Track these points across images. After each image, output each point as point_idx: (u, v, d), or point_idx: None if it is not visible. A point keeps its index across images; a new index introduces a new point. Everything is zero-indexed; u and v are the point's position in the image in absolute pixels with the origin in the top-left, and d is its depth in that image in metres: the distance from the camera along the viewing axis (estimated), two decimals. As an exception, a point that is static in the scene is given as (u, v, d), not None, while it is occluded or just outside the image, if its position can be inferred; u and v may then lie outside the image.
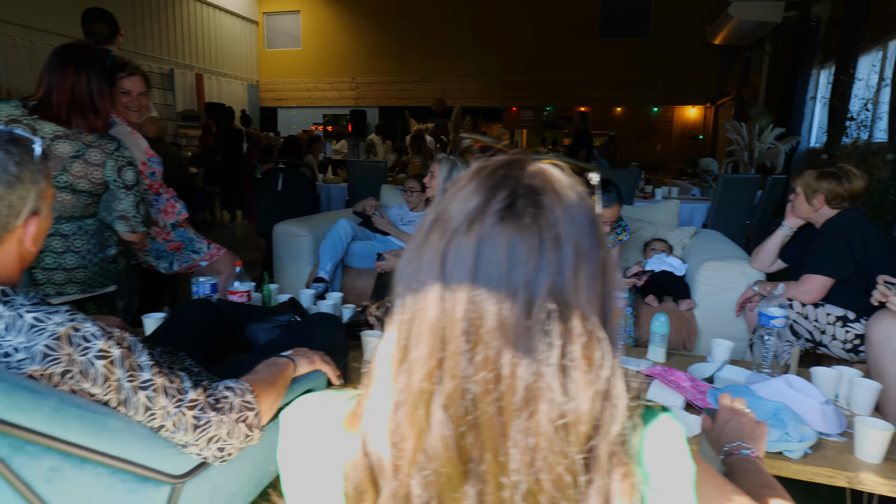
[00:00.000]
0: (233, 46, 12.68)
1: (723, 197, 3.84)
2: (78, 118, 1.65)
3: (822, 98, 6.59)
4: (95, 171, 1.68)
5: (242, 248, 5.61)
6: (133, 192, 1.78)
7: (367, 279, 2.98)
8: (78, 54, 1.66)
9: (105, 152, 1.69)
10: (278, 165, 3.61)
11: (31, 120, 1.63)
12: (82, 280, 1.73)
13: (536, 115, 13.41)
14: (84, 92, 1.63)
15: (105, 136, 1.72)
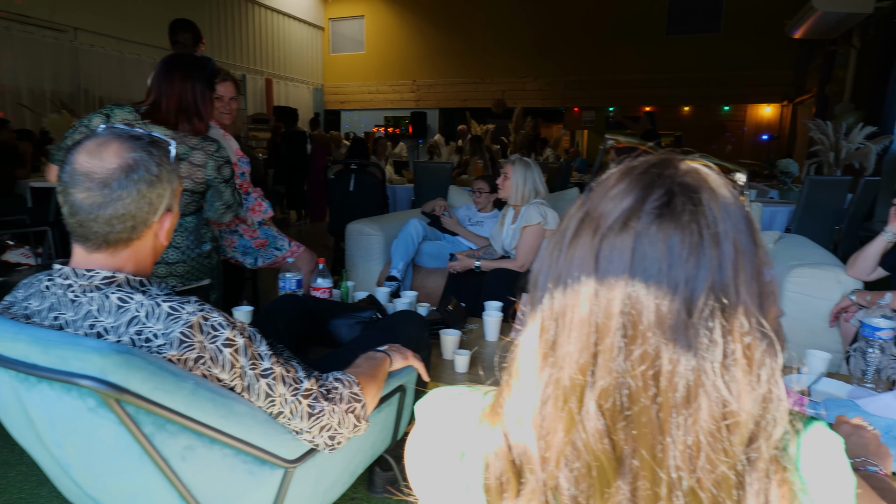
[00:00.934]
0: (300, 52, 13.14)
1: (808, 200, 3.63)
2: (184, 122, 1.76)
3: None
4: (198, 171, 1.79)
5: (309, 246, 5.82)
6: (230, 184, 1.92)
7: (438, 278, 3.01)
8: (184, 63, 1.79)
9: (207, 153, 1.81)
10: (350, 167, 3.72)
11: (143, 124, 1.75)
12: (181, 273, 1.85)
13: (598, 116, 13.13)
14: (190, 98, 1.75)
15: (206, 138, 1.83)
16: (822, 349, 2.33)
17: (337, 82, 14.03)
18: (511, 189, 2.65)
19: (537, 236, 2.59)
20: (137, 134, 0.92)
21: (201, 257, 1.90)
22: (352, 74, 13.88)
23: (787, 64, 10.95)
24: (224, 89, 2.41)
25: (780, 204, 4.24)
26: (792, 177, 6.52)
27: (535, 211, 2.57)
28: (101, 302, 0.86)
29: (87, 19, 8.33)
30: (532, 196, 2.66)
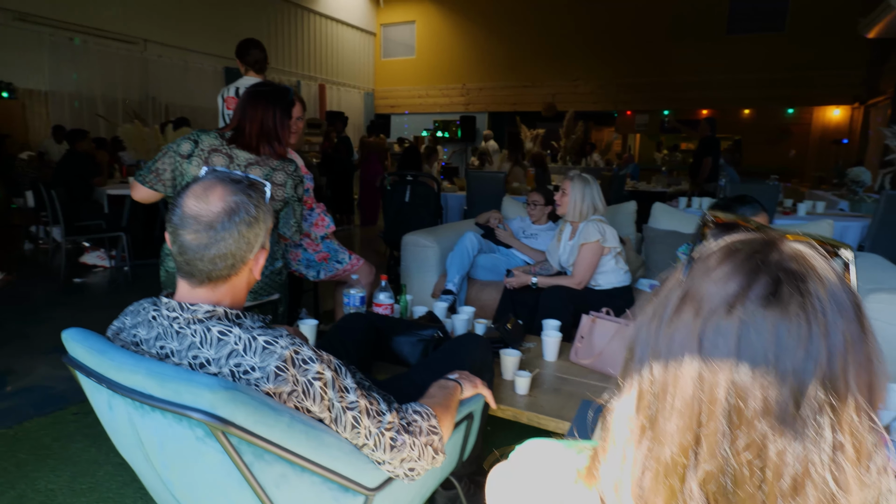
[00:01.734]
0: (352, 57, 13.44)
1: (885, 216, 3.45)
2: (265, 146, 1.86)
3: None
4: (279, 190, 1.89)
5: (362, 251, 5.95)
6: (302, 203, 1.99)
7: (492, 292, 3.03)
8: (267, 92, 1.90)
9: (287, 173, 1.90)
10: (406, 178, 3.79)
11: (229, 149, 1.86)
12: (255, 290, 1.94)
13: (652, 119, 12.82)
14: (271, 124, 1.85)
15: (286, 159, 1.94)
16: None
17: (388, 87, 14.26)
18: (569, 205, 2.65)
19: (595, 254, 2.57)
20: (237, 178, 0.99)
21: (273, 274, 1.99)
22: (402, 79, 14.07)
23: (858, 63, 10.38)
24: (295, 110, 2.51)
25: (852, 217, 4.04)
26: (863, 186, 6.19)
27: (593, 228, 2.56)
28: (203, 334, 0.93)
29: (156, 31, 8.80)
30: (590, 213, 2.64)
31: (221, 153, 1.85)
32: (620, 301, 2.69)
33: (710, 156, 6.29)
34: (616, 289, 2.68)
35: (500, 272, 3.21)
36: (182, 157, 1.85)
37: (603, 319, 1.99)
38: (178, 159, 1.85)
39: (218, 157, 1.85)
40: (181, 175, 1.87)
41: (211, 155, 1.85)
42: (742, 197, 2.24)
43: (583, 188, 2.62)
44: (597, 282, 2.66)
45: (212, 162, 1.84)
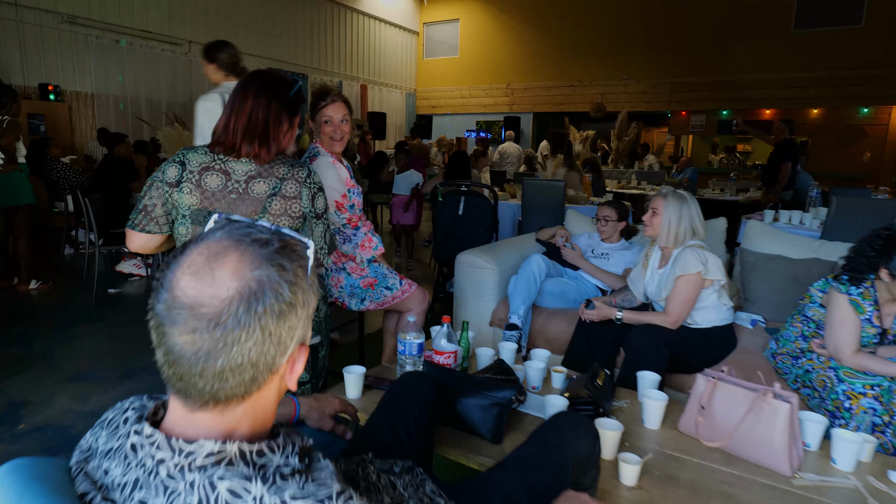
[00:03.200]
0: (394, 57, 13.18)
1: None
2: (246, 144, 1.50)
3: None
4: (293, 204, 1.54)
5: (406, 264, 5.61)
6: (323, 219, 1.64)
7: (561, 323, 2.62)
8: (263, 79, 1.54)
9: (298, 181, 1.55)
10: (460, 188, 3.41)
11: (222, 162, 1.52)
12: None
13: (709, 120, 12.07)
14: (260, 117, 1.49)
15: (296, 163, 1.58)
16: None
17: (430, 87, 13.95)
18: (661, 228, 2.21)
19: (695, 287, 2.13)
20: (263, 237, 0.62)
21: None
22: (445, 79, 13.74)
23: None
24: (334, 111, 2.17)
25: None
26: (967, 196, 5.49)
27: (692, 257, 2.12)
28: (204, 496, 0.57)
29: (200, 32, 8.71)
30: (687, 237, 2.20)
31: (215, 170, 1.51)
32: (719, 342, 2.24)
33: (789, 161, 5.68)
34: (716, 328, 2.23)
35: (568, 299, 2.80)
36: (170, 185, 1.50)
37: (729, 384, 1.55)
38: (167, 189, 1.51)
39: (212, 177, 1.51)
40: (174, 208, 1.53)
41: (203, 175, 1.50)
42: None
43: (679, 208, 2.19)
44: (693, 319, 2.22)
45: (205, 184, 1.50)
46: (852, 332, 1.87)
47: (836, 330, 1.89)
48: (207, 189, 1.51)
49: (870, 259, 1.80)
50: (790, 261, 2.61)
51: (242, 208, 1.51)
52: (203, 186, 1.51)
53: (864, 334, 1.89)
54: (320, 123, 2.19)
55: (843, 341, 1.87)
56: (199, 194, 1.51)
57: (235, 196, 1.51)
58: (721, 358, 2.22)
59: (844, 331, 1.87)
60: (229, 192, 1.51)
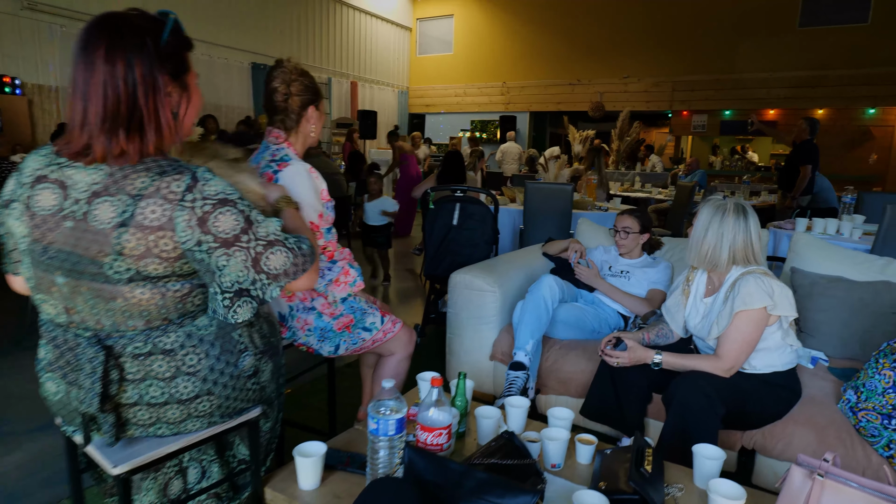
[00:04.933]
0: (386, 54, 12.69)
1: None
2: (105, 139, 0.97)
3: None
4: (161, 237, 0.98)
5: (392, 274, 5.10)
6: (248, 248, 1.04)
7: (578, 359, 2.15)
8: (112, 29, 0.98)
9: (167, 199, 0.98)
10: (455, 193, 2.93)
11: (58, 168, 1.01)
12: (208, 412, 1.11)
13: (711, 120, 11.68)
14: (123, 92, 0.96)
15: (169, 168, 1.00)
16: None
17: (423, 85, 13.47)
18: (698, 235, 1.75)
19: (759, 326, 1.66)
20: None
21: (240, 379, 1.15)
22: (438, 76, 13.26)
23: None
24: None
25: None
26: None
27: (756, 287, 1.64)
28: None
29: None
30: (741, 260, 1.74)
31: (49, 181, 1.01)
32: (784, 392, 1.78)
33: (809, 163, 5.25)
34: (777, 374, 1.76)
35: (585, 328, 2.33)
36: (3, 206, 1.06)
37: (841, 482, 1.08)
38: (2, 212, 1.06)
39: (45, 193, 1.01)
40: (9, 236, 1.08)
41: (35, 190, 1.01)
42: None
43: (720, 221, 1.71)
44: (750, 363, 1.75)
45: (35, 202, 1.01)
46: None
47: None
48: (38, 212, 1.01)
49: None
50: (854, 283, 2.15)
51: (83, 244, 0.99)
52: (32, 208, 1.01)
53: None
54: (312, 118, 1.71)
55: None
56: (29, 219, 1.02)
57: (71, 224, 0.99)
58: (785, 411, 1.75)
59: None
60: (63, 218, 1.00)
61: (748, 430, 1.78)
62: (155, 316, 1.05)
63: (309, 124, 1.67)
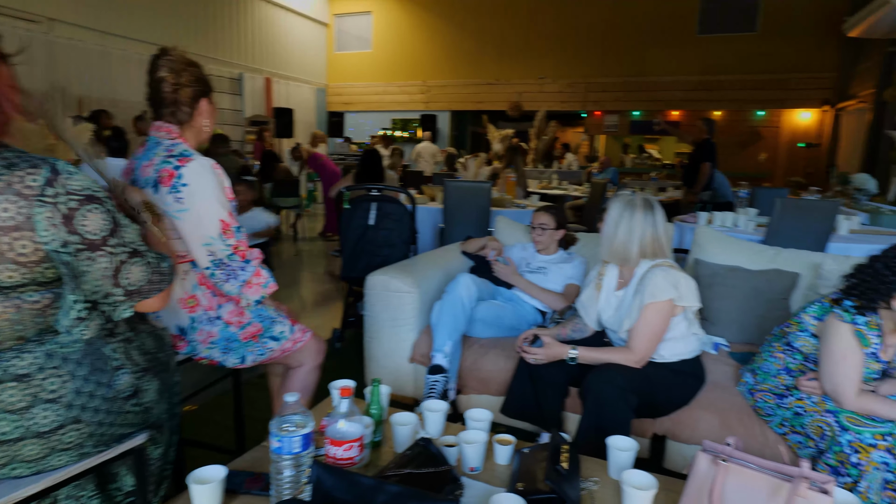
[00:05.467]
0: (302, 49, 12.29)
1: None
2: None
3: None
4: (17, 239, 0.86)
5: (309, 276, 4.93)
6: (115, 247, 0.95)
7: (497, 358, 2.14)
8: None
9: (23, 195, 0.87)
10: (370, 192, 2.85)
11: None
12: (76, 443, 0.97)
13: (622, 120, 12.28)
14: None
15: (16, 161, 0.89)
16: None
17: (342, 82, 13.19)
18: (603, 240, 1.79)
19: (666, 318, 1.72)
20: None
21: (116, 402, 1.02)
22: (358, 74, 13.03)
23: (829, 67, 10.14)
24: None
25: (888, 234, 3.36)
26: (868, 195, 5.68)
27: (662, 279, 1.70)
28: None
29: (65, 9, 7.47)
30: (650, 254, 1.79)
31: None
32: (690, 379, 1.85)
33: (708, 161, 5.62)
34: (685, 361, 1.83)
35: (504, 326, 2.33)
36: None
37: (742, 465, 1.12)
38: None
39: None
40: None
41: None
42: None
43: (630, 216, 1.76)
44: (658, 353, 1.81)
45: None
46: (856, 369, 1.52)
47: (837, 366, 1.53)
48: None
49: (890, 284, 1.45)
50: (750, 272, 2.29)
51: None
52: None
53: (867, 370, 1.56)
54: (205, 112, 1.57)
55: (844, 380, 1.52)
56: None
57: None
58: (692, 397, 1.83)
59: (847, 367, 1.52)
60: None
61: (659, 418, 1.84)
62: (8, 335, 0.91)
63: (202, 118, 1.54)
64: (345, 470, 1.09)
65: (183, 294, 1.50)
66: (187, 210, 1.43)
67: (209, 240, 1.45)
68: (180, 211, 1.43)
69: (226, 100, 10.04)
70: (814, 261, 2.29)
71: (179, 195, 1.42)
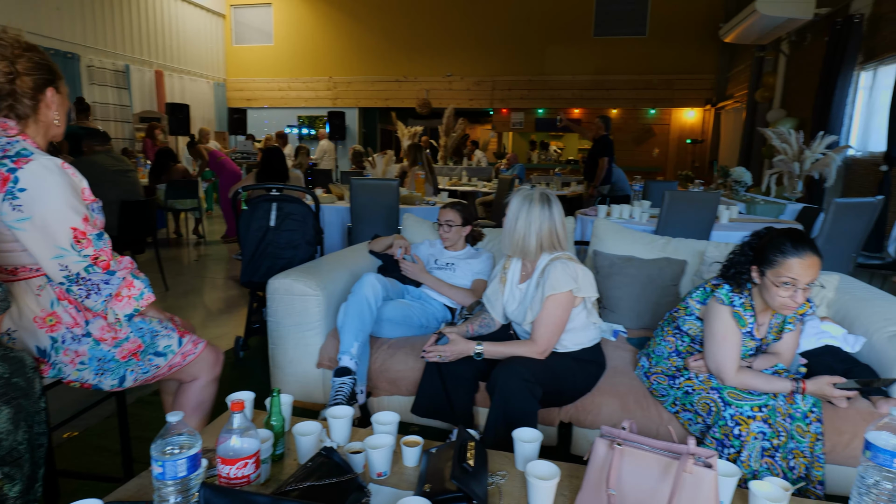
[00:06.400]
0: (196, 41, 11.56)
1: (833, 227, 3.11)
2: None
3: (859, 101, 6.00)
4: None
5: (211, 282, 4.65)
6: None
7: (406, 357, 2.11)
8: None
9: None
10: (270, 192, 2.70)
11: None
12: None
13: (527, 118, 12.68)
14: None
15: None
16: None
17: (242, 77, 12.56)
18: (504, 235, 1.83)
19: (566, 309, 1.77)
20: None
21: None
22: (260, 69, 12.47)
23: (709, 69, 11.05)
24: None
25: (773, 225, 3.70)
26: (745, 186, 6.24)
27: (562, 272, 1.75)
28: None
29: None
30: (549, 246, 1.84)
31: None
32: (592, 366, 1.92)
33: (606, 156, 5.93)
34: (585, 350, 1.90)
35: (413, 324, 2.30)
36: None
37: (636, 447, 1.17)
38: None
39: None
40: None
41: None
42: (792, 232, 1.59)
43: (528, 211, 1.80)
44: (561, 343, 1.86)
45: None
46: (735, 348, 1.65)
47: (719, 346, 1.66)
48: None
49: (748, 259, 1.62)
50: (644, 261, 2.43)
51: None
52: None
53: (744, 348, 1.69)
54: (53, 103, 1.38)
55: (725, 359, 1.65)
56: None
57: None
58: (594, 384, 1.90)
59: (727, 347, 1.64)
60: None
61: (564, 406, 1.90)
62: None
63: (50, 111, 1.36)
64: (237, 490, 1.02)
65: (40, 312, 1.33)
66: (28, 219, 1.24)
67: (59, 252, 1.27)
68: (20, 220, 1.24)
69: (110, 94, 9.23)
70: (698, 248, 2.47)
71: (17, 202, 1.23)
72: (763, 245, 1.62)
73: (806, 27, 7.08)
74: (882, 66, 5.63)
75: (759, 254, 1.63)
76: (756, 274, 1.63)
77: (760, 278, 1.62)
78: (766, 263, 1.59)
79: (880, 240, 4.65)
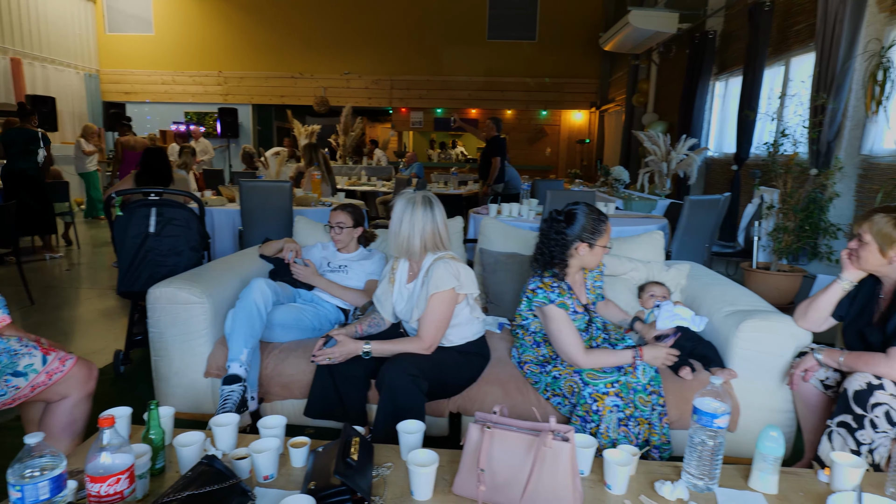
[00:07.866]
0: (62, 27, 10.50)
1: (689, 221, 3.51)
2: None
3: (715, 107, 6.77)
4: None
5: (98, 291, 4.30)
6: None
7: (299, 361, 2.12)
8: None
9: None
10: (149, 196, 2.56)
11: None
12: None
13: (426, 117, 12.85)
14: None
15: None
16: (773, 410, 2.03)
17: (119, 68, 11.58)
18: (390, 237, 1.91)
19: (450, 305, 1.88)
20: None
21: None
22: (139, 60, 11.57)
23: (593, 74, 11.84)
24: None
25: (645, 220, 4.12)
26: (623, 183, 6.79)
27: (444, 271, 1.85)
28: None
29: None
30: (432, 247, 1.93)
31: None
32: (476, 358, 2.05)
33: (498, 156, 6.19)
34: (470, 343, 2.03)
35: (305, 327, 2.31)
36: None
37: (504, 429, 1.29)
38: None
39: None
40: None
41: None
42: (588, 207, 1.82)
43: (411, 213, 1.89)
44: (447, 338, 1.97)
45: None
46: (573, 335, 1.84)
47: (559, 340, 1.86)
48: None
49: (560, 240, 1.86)
50: (525, 257, 2.61)
51: None
52: None
53: (577, 324, 1.90)
54: None
55: (570, 347, 1.84)
56: None
57: None
58: (479, 374, 2.03)
59: (566, 336, 1.84)
60: None
61: (452, 397, 2.01)
62: None
63: None
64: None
65: None
66: None
67: None
68: None
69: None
70: (573, 243, 2.69)
71: None
72: (582, 225, 1.89)
73: (672, 40, 7.83)
74: (731, 77, 6.39)
75: (583, 232, 1.89)
76: (585, 248, 1.90)
77: (590, 249, 1.90)
78: (596, 234, 1.90)
79: (734, 231, 5.29)
